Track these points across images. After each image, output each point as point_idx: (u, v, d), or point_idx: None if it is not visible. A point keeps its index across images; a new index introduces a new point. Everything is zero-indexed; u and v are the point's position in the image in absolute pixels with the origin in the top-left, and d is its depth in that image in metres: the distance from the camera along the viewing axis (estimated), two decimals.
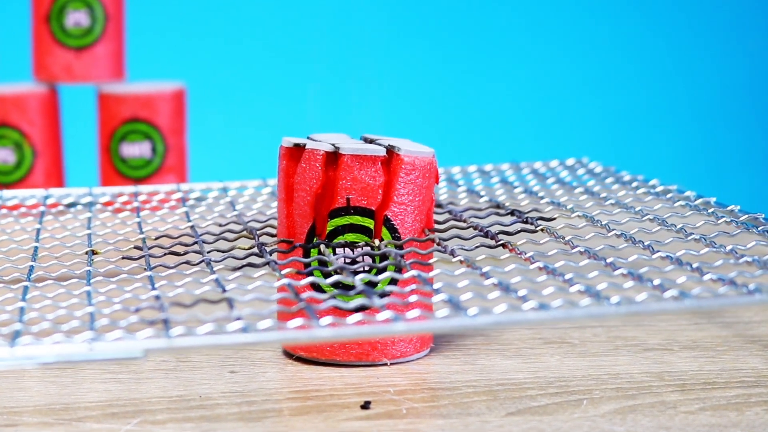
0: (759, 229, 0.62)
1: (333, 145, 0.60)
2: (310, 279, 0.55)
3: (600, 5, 1.90)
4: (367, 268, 0.58)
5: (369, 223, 0.59)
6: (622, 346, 0.63)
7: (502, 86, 1.89)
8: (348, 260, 0.59)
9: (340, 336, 0.49)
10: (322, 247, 0.59)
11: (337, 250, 0.59)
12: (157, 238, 0.68)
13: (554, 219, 0.65)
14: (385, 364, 0.60)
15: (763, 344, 0.63)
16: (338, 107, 1.87)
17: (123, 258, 0.64)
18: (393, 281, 0.58)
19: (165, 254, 0.64)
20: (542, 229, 0.63)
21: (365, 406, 0.54)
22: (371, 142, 0.62)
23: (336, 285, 0.57)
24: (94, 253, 0.65)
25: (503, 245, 0.61)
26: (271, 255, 0.59)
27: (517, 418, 0.53)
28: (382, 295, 0.56)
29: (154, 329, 0.49)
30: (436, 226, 0.64)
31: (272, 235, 0.67)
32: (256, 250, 0.62)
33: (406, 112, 1.85)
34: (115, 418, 0.53)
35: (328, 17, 1.86)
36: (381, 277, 0.56)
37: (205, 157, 1.49)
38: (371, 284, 0.58)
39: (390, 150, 0.60)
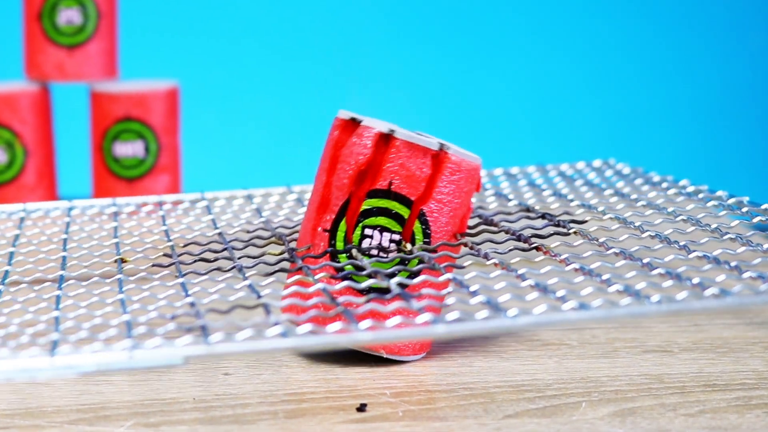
0: None
1: (389, 127, 0.60)
2: (346, 283, 0.55)
3: (610, 7, 1.90)
4: (396, 270, 0.58)
5: (405, 212, 0.59)
6: (621, 348, 0.63)
7: (511, 86, 1.88)
8: (375, 250, 0.59)
9: (380, 339, 0.49)
10: (354, 251, 0.59)
11: (366, 231, 0.59)
12: (185, 246, 0.68)
13: (586, 221, 0.65)
14: (381, 356, 0.60)
15: (764, 346, 0.63)
16: (336, 107, 1.86)
17: (153, 265, 0.64)
18: (404, 286, 0.58)
19: (195, 261, 0.64)
20: (575, 232, 0.63)
21: (361, 408, 0.54)
22: None
23: (371, 289, 0.57)
24: (123, 261, 0.65)
25: (537, 248, 0.61)
26: (302, 260, 0.59)
27: (514, 420, 0.53)
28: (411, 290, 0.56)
29: (192, 336, 0.49)
30: (467, 231, 0.64)
31: None
32: (287, 255, 0.61)
33: (423, 115, 1.85)
34: (108, 420, 0.53)
35: (323, 16, 1.86)
36: (416, 281, 0.56)
37: (199, 156, 1.48)
38: (404, 286, 0.57)
39: (440, 147, 0.60)
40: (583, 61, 1.90)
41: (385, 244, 0.59)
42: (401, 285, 0.55)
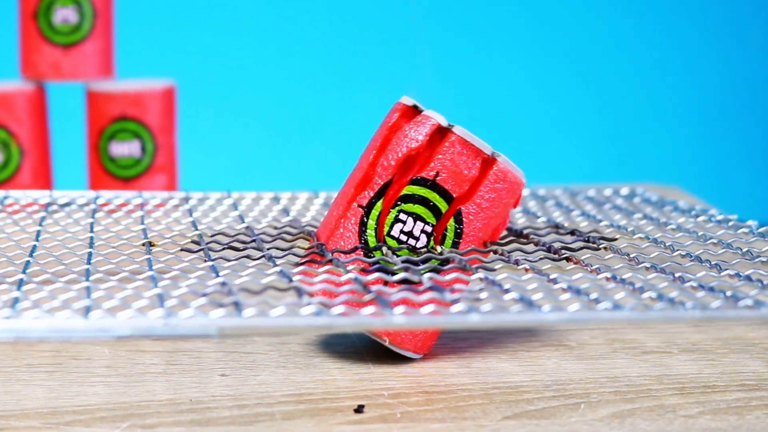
0: None
1: (448, 122, 0.61)
2: (377, 274, 0.56)
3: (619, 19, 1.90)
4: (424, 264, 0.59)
5: (443, 206, 0.60)
6: (620, 348, 0.63)
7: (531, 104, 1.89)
8: (404, 235, 0.60)
9: (414, 324, 0.50)
10: (384, 249, 0.59)
11: (401, 216, 0.60)
12: (213, 235, 0.68)
13: (616, 239, 0.65)
14: (384, 342, 0.60)
15: (764, 347, 0.63)
16: (335, 106, 1.86)
17: (182, 250, 0.63)
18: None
19: (224, 248, 0.64)
20: (605, 248, 0.63)
21: (359, 409, 0.54)
22: None
23: (402, 282, 0.57)
24: (151, 245, 0.64)
25: (567, 258, 0.61)
26: (332, 254, 0.59)
27: (513, 422, 0.53)
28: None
29: (225, 310, 0.49)
30: (497, 242, 0.64)
31: None
32: (316, 249, 0.61)
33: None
34: (104, 422, 0.52)
35: (321, 15, 1.86)
36: (448, 277, 0.56)
37: (196, 156, 1.48)
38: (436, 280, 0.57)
39: (492, 153, 0.61)
40: (565, 64, 1.90)
41: (416, 233, 0.60)
42: (433, 279, 0.55)
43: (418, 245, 0.60)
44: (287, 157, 1.82)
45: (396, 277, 0.55)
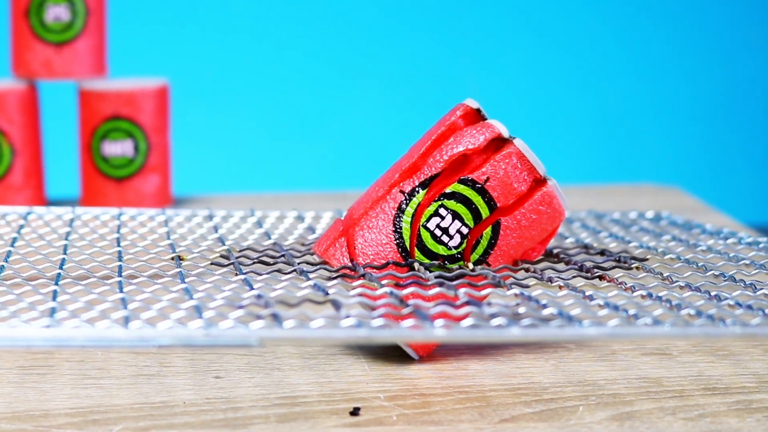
0: None
1: (510, 134, 0.61)
2: (412, 289, 0.56)
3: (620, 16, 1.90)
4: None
5: (485, 212, 0.60)
6: (619, 350, 0.62)
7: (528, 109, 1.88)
8: (440, 230, 0.60)
9: (454, 337, 0.50)
10: (416, 264, 0.59)
11: (440, 211, 0.60)
12: (241, 251, 0.67)
13: (647, 260, 0.65)
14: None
15: (764, 349, 0.63)
16: (332, 105, 1.86)
17: (212, 264, 0.63)
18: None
19: (254, 262, 0.64)
20: (637, 267, 0.63)
21: (354, 412, 0.54)
22: None
23: (438, 296, 0.58)
24: (180, 259, 0.64)
25: (600, 277, 0.61)
26: (365, 269, 0.59)
27: (511, 424, 0.52)
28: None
29: (265, 321, 0.49)
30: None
31: None
32: (349, 264, 0.61)
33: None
34: (96, 424, 0.52)
35: (316, 13, 1.85)
36: (483, 292, 0.56)
37: (190, 155, 1.47)
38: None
39: (545, 174, 0.61)
40: (566, 61, 1.90)
41: (452, 231, 0.60)
42: (469, 294, 0.55)
43: (450, 243, 0.60)
44: (282, 156, 1.82)
45: (431, 292, 0.56)
